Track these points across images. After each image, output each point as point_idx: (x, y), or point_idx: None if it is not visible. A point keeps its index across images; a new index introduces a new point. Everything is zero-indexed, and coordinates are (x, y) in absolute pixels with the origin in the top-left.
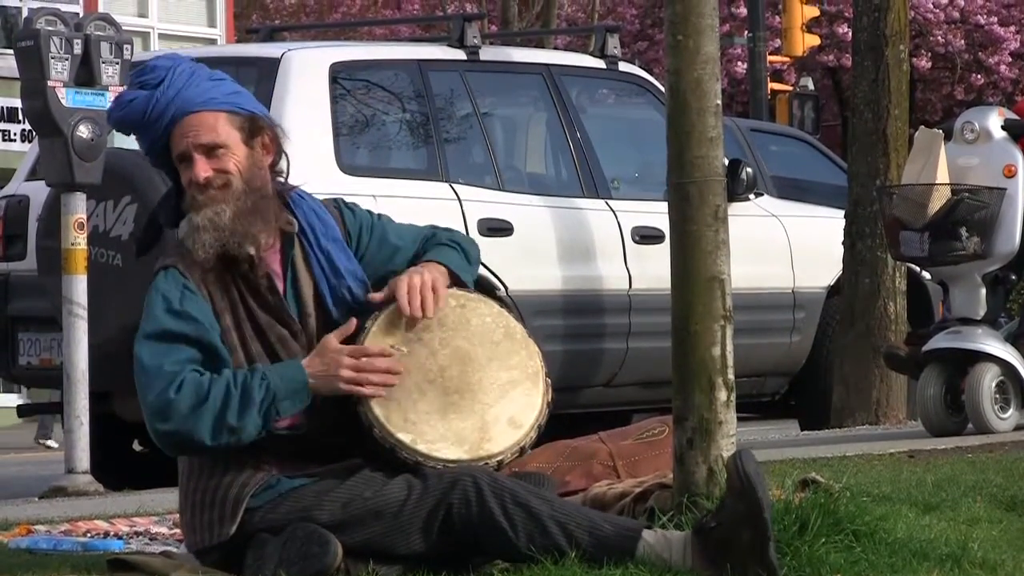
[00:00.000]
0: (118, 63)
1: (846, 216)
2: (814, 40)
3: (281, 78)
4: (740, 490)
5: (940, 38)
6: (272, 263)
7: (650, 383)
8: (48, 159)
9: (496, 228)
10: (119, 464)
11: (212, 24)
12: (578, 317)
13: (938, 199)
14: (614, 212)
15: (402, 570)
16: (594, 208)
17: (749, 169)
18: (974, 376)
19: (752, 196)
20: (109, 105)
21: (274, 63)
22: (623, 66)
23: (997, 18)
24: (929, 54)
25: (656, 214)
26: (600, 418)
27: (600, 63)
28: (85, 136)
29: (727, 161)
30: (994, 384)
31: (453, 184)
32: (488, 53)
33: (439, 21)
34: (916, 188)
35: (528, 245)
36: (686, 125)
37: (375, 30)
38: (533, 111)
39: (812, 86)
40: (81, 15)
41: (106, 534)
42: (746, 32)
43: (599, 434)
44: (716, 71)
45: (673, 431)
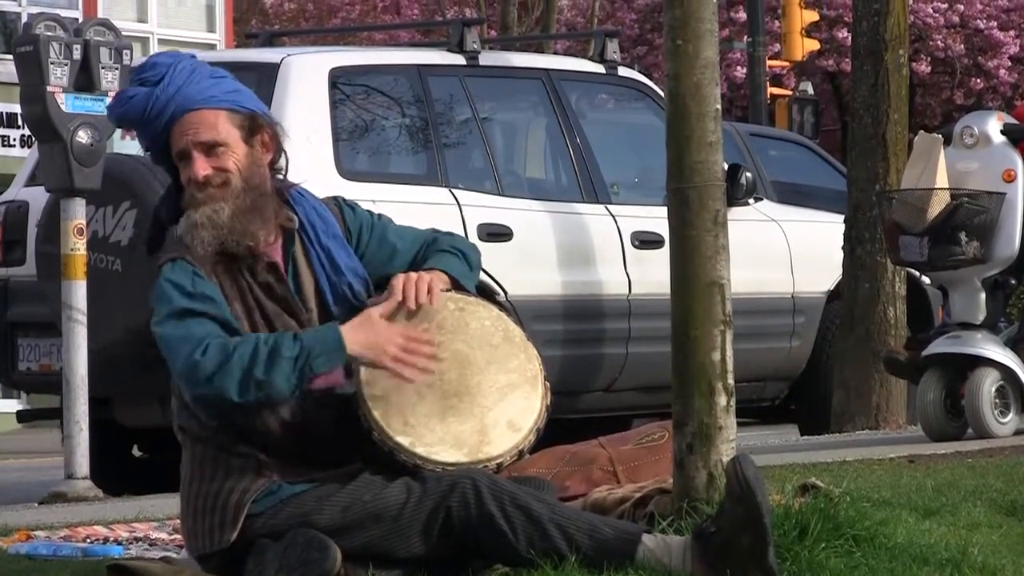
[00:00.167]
0: (117, 68)
1: (846, 221)
2: (813, 44)
3: (281, 83)
4: (740, 495)
5: (940, 42)
6: (274, 258)
7: (650, 388)
8: (47, 164)
9: (495, 233)
10: (119, 470)
11: (211, 29)
12: (578, 322)
13: (938, 204)
14: (614, 217)
15: (402, 574)
16: (594, 213)
17: (749, 174)
18: (974, 381)
19: (752, 201)
20: (109, 103)
21: (274, 68)
22: (622, 71)
23: (996, 22)
24: (929, 58)
25: (656, 219)
26: (600, 423)
27: (599, 68)
28: (84, 141)
29: (727, 166)
30: (994, 389)
31: (453, 189)
32: (487, 58)
33: (438, 26)
34: (916, 193)
35: (528, 250)
36: (685, 130)
37: (374, 35)
38: (532, 116)
39: (811, 90)
40: (80, 20)
41: (106, 540)
42: (746, 37)
43: (599, 439)
44: (715, 76)
45: (673, 436)
